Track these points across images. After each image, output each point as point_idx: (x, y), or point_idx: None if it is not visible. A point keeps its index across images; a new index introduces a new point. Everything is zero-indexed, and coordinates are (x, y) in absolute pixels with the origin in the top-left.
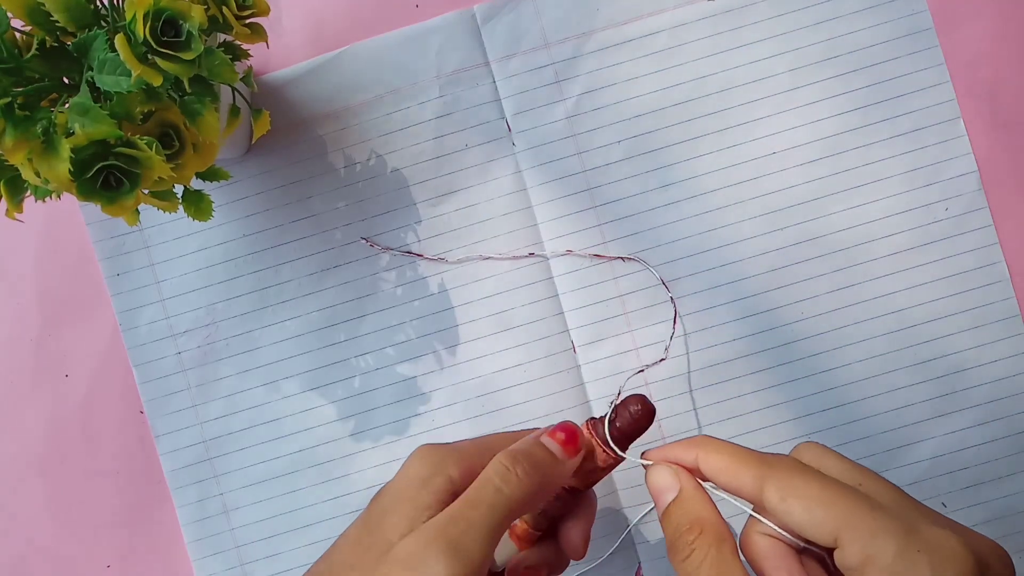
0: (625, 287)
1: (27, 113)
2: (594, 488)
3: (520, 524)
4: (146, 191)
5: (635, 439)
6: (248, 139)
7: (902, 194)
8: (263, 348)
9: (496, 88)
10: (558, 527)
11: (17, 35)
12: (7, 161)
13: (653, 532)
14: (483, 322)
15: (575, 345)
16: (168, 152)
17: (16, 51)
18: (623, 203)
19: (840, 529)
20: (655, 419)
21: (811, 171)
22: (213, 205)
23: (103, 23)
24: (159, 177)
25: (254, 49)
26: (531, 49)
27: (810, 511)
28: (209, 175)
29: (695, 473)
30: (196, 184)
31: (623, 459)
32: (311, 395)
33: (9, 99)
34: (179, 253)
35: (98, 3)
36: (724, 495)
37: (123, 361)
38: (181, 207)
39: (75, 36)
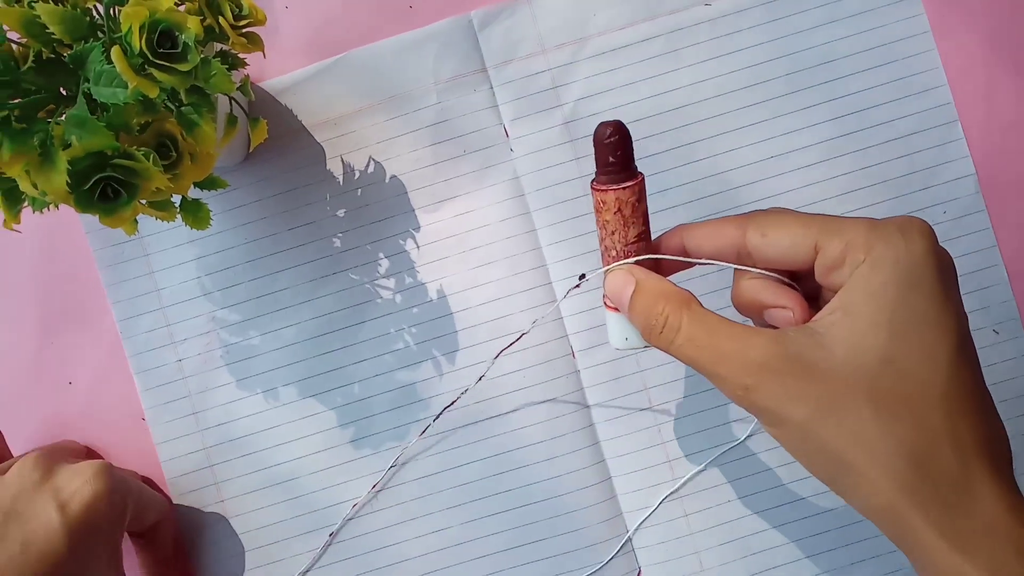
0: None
1: (24, 125)
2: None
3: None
4: (143, 201)
5: (616, 156)
6: (245, 147)
7: (900, 197)
8: (262, 355)
9: (493, 94)
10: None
11: (13, 47)
12: (4, 173)
13: (653, 537)
14: (481, 328)
15: (574, 350)
16: (165, 162)
17: (12, 63)
18: None
19: (818, 236)
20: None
21: (808, 175)
22: (211, 214)
23: (99, 35)
24: (156, 188)
25: (251, 57)
26: (528, 55)
27: (790, 233)
28: (207, 184)
29: (681, 252)
30: (194, 193)
31: (620, 186)
32: (310, 402)
33: (6, 112)
34: (178, 261)
35: (94, 15)
36: (705, 263)
37: (124, 368)
38: (179, 216)
39: (71, 48)
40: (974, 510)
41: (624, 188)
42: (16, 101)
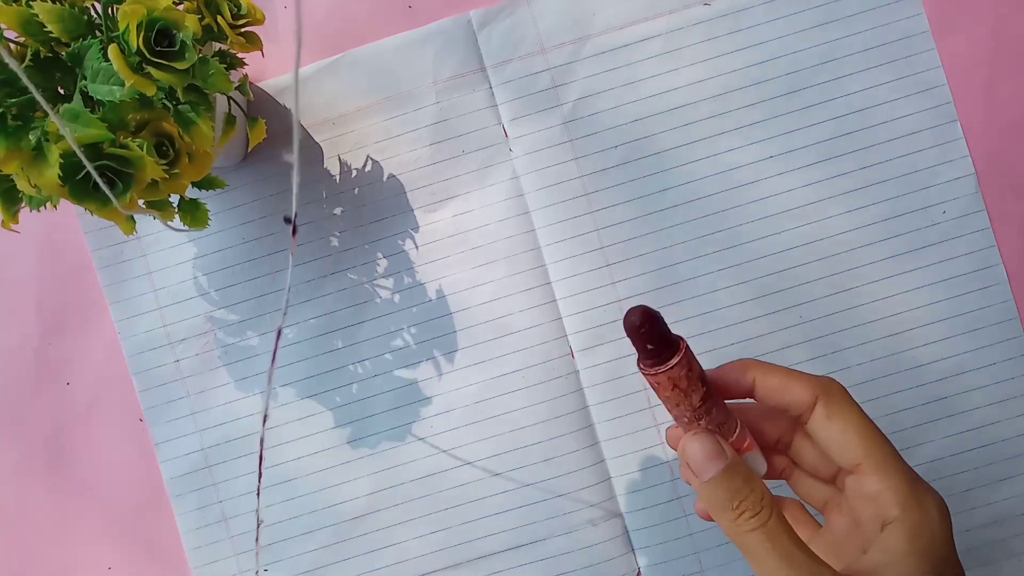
0: (623, 292)
1: (20, 123)
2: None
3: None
4: (142, 201)
5: (652, 341)
6: (244, 147)
7: (899, 197)
8: (260, 355)
9: (492, 94)
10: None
11: (11, 45)
12: (1, 171)
13: (653, 537)
14: (481, 327)
15: (573, 350)
16: (163, 162)
17: None
18: (620, 208)
19: (864, 459)
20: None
21: (808, 175)
22: (209, 213)
23: (97, 33)
24: (152, 180)
25: (249, 57)
26: (527, 55)
27: (846, 434)
28: (205, 184)
29: (745, 392)
30: (192, 192)
31: (667, 366)
32: (309, 402)
33: (3, 110)
34: (176, 261)
35: (92, 13)
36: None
37: (123, 369)
38: (177, 216)
39: (69, 46)
40: None
41: (672, 367)
42: (13, 99)
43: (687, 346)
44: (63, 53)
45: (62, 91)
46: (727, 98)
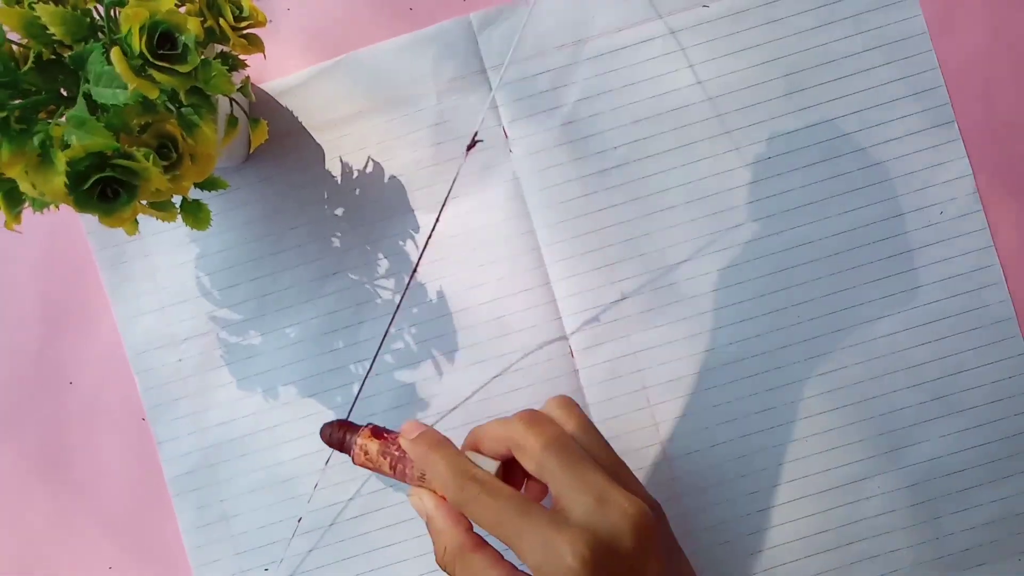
0: (623, 291)
1: (24, 126)
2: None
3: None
4: (144, 202)
5: (335, 446)
6: (246, 148)
7: (897, 198)
8: (262, 355)
9: (493, 95)
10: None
11: (14, 48)
12: (4, 174)
13: None
14: (481, 327)
15: (573, 350)
16: (166, 163)
17: (13, 64)
18: (620, 208)
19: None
20: None
21: (807, 175)
22: (211, 214)
23: (99, 36)
24: (156, 188)
25: (251, 59)
26: (527, 56)
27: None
28: (207, 185)
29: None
30: (194, 193)
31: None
32: (310, 401)
33: (6, 113)
34: (179, 261)
35: (94, 16)
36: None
37: (125, 368)
38: (180, 217)
39: (72, 49)
40: None
41: (353, 457)
42: (16, 102)
43: (362, 434)
44: (66, 56)
45: (65, 93)
46: (726, 99)
